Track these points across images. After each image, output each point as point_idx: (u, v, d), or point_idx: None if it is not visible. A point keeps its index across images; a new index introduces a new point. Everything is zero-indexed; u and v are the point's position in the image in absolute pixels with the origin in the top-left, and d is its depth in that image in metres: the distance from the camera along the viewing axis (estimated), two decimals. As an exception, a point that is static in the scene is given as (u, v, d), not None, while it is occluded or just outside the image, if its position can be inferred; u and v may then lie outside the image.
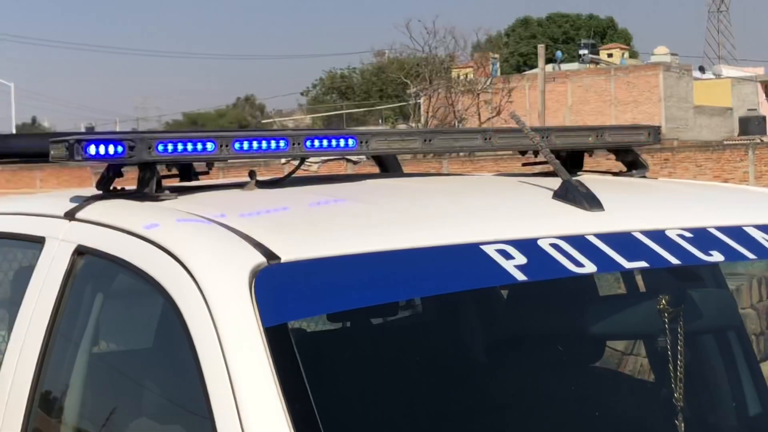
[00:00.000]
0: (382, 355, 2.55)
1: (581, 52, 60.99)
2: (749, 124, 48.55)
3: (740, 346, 2.79)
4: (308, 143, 2.47)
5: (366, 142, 2.53)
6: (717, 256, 2.19)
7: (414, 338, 2.83)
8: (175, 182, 2.91)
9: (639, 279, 2.80)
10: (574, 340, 2.54)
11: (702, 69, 62.82)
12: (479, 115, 43.88)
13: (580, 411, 2.42)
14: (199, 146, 2.36)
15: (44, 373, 2.32)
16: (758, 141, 33.60)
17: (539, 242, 2.08)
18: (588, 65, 58.22)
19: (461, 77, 46.90)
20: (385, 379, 2.40)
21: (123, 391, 2.40)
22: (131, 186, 2.49)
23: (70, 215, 2.48)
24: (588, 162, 2.97)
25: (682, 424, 2.24)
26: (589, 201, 2.24)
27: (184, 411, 2.06)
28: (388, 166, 3.49)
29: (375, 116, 57.92)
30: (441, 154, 29.16)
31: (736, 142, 37.03)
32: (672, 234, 2.21)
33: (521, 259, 2.02)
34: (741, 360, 2.77)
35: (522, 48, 69.77)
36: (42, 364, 2.31)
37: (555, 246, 2.08)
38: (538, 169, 2.96)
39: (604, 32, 78.23)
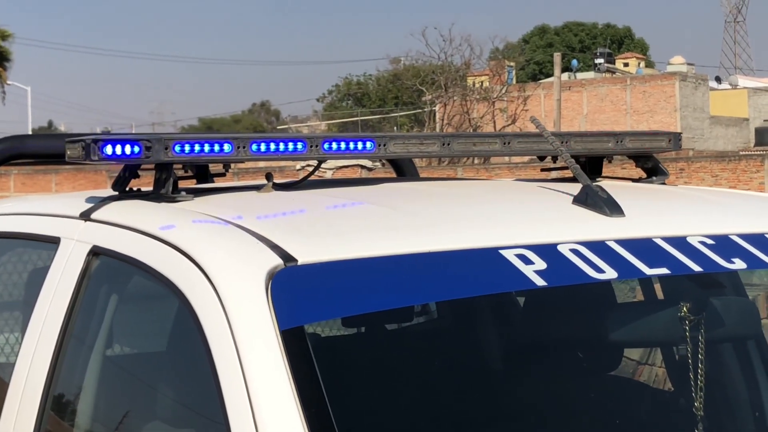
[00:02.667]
0: (397, 360, 2.53)
1: (597, 61, 60.95)
2: (765, 135, 48.47)
3: (760, 355, 2.76)
4: (326, 146, 2.45)
5: (384, 145, 2.52)
6: (739, 264, 2.17)
7: (430, 344, 2.81)
8: (192, 184, 2.90)
9: (657, 286, 2.77)
10: (592, 348, 2.51)
11: (718, 79, 62.74)
12: (494, 123, 43.88)
13: (598, 419, 2.39)
14: (216, 147, 2.34)
15: (57, 375, 2.30)
16: (774, 152, 33.49)
17: (559, 247, 2.06)
18: (604, 74, 58.19)
19: (477, 85, 46.92)
20: (401, 384, 2.38)
21: (136, 394, 2.39)
22: (147, 187, 2.48)
23: (85, 216, 2.47)
24: (605, 170, 2.95)
25: None
26: (610, 206, 2.22)
27: (199, 414, 2.04)
28: (404, 171, 3.47)
29: (390, 123, 57.96)
30: (455, 160, 29.17)
31: (752, 152, 36.97)
32: (693, 241, 2.18)
33: (541, 264, 2.00)
34: (761, 369, 2.73)
35: (538, 56, 69.76)
36: (55, 365, 2.30)
37: (575, 251, 2.05)
38: (557, 174, 2.93)
39: (621, 41, 78.24)
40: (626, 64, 64.49)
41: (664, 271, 2.10)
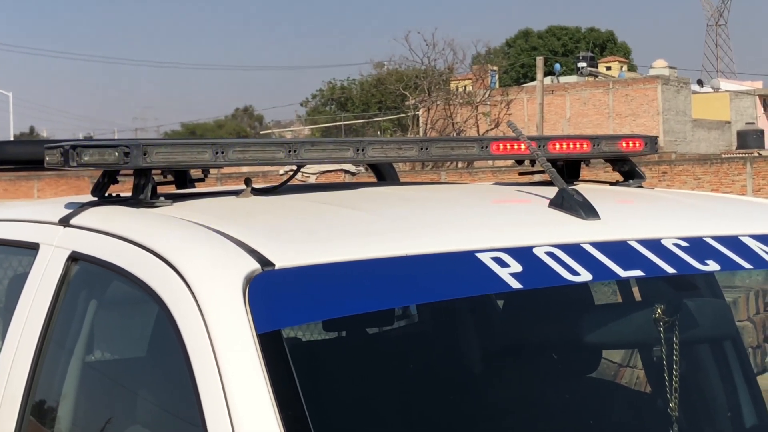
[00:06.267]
0: (376, 363, 2.54)
1: (580, 64, 61.08)
2: (747, 138, 48.68)
3: (736, 355, 2.78)
4: (305, 151, 2.46)
5: (362, 150, 2.53)
6: (713, 266, 2.18)
7: (409, 347, 2.82)
8: (171, 189, 2.90)
9: (635, 289, 2.79)
10: (569, 349, 2.53)
11: (700, 82, 63.00)
12: (478, 127, 43.96)
13: (574, 421, 2.41)
14: (195, 153, 2.35)
15: (37, 381, 2.31)
16: (756, 154, 33.70)
17: (535, 250, 2.08)
18: (586, 78, 58.34)
19: (460, 89, 46.98)
20: (380, 387, 2.39)
21: (116, 399, 2.39)
22: (127, 193, 2.49)
23: (64, 221, 2.48)
24: (586, 174, 2.97)
25: None
26: (585, 210, 2.24)
27: (178, 418, 2.05)
28: (385, 176, 3.48)
29: (374, 128, 57.96)
30: (439, 165, 29.19)
31: (734, 155, 37.11)
32: (668, 243, 2.20)
33: (516, 267, 2.02)
34: (737, 370, 2.76)
35: (522, 60, 69.90)
36: (35, 371, 2.31)
37: (550, 254, 2.07)
38: (540, 178, 2.95)
39: (604, 45, 78.45)
40: (609, 68, 64.67)
41: (638, 273, 2.11)
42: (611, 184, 2.95)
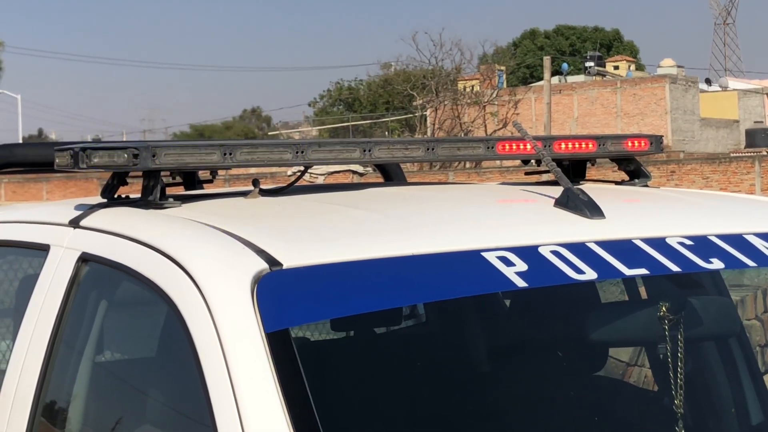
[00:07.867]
0: (384, 362, 2.55)
1: (587, 64, 61.04)
2: (756, 137, 48.60)
3: (741, 353, 2.79)
4: (312, 152, 2.48)
5: (369, 151, 2.54)
6: (717, 264, 2.20)
7: (417, 347, 2.83)
8: (179, 191, 2.92)
9: (642, 288, 2.80)
10: (575, 347, 2.54)
11: (708, 81, 62.88)
12: (485, 127, 43.96)
13: (580, 418, 2.43)
14: (203, 154, 2.37)
15: (48, 382, 2.32)
16: (765, 153, 33.67)
17: (540, 249, 2.09)
18: (594, 77, 58.27)
19: (467, 89, 46.97)
20: (388, 386, 2.40)
21: (126, 399, 2.41)
22: (136, 194, 2.51)
23: (74, 223, 2.50)
24: (594, 174, 2.98)
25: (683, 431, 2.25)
26: (590, 209, 2.25)
27: (187, 418, 2.07)
28: (392, 176, 3.50)
29: (381, 128, 57.97)
30: (446, 165, 29.18)
31: (743, 154, 37.08)
32: (672, 241, 2.21)
33: (522, 265, 2.03)
34: (743, 367, 2.77)
35: (529, 59, 69.85)
36: (46, 372, 2.32)
37: (556, 253, 2.08)
38: (548, 177, 2.96)
39: (611, 44, 78.37)
40: (616, 67, 64.62)
41: (643, 271, 2.13)
42: (617, 183, 2.96)
